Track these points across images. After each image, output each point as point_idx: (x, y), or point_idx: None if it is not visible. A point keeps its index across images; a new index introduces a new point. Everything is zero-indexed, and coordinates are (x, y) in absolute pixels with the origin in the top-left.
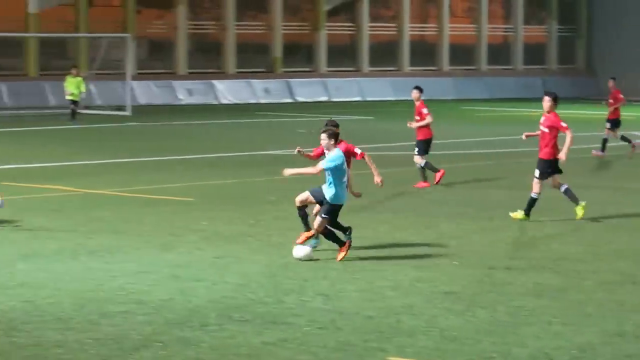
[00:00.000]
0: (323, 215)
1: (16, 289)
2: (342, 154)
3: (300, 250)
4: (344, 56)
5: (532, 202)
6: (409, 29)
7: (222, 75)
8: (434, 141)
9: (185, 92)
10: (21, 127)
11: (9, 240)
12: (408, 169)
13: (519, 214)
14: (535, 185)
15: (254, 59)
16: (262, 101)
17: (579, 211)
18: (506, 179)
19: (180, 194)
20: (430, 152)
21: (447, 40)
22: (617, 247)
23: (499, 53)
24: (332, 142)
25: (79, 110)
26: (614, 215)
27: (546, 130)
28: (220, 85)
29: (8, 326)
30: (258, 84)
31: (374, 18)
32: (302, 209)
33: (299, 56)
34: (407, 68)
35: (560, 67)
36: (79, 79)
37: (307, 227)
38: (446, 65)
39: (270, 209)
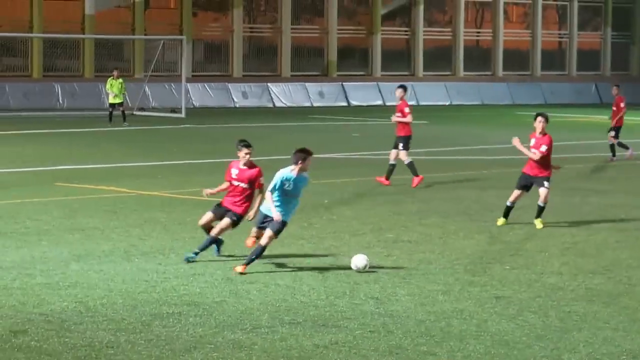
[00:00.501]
0: (276, 233)
1: (69, 289)
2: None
3: (360, 261)
4: (398, 60)
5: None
6: (464, 34)
7: (277, 78)
8: (412, 140)
9: (240, 94)
10: (76, 128)
11: (62, 241)
12: (460, 174)
13: (538, 223)
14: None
15: (309, 62)
16: (317, 104)
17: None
18: (559, 184)
19: None
20: (483, 157)
21: (502, 46)
22: None
23: (553, 59)
24: None
25: (127, 112)
26: None
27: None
28: (275, 88)
29: (60, 326)
30: (313, 87)
31: (430, 23)
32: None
33: (354, 60)
34: (462, 73)
35: (614, 74)
36: (120, 80)
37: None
38: (500, 71)
39: (323, 212)
